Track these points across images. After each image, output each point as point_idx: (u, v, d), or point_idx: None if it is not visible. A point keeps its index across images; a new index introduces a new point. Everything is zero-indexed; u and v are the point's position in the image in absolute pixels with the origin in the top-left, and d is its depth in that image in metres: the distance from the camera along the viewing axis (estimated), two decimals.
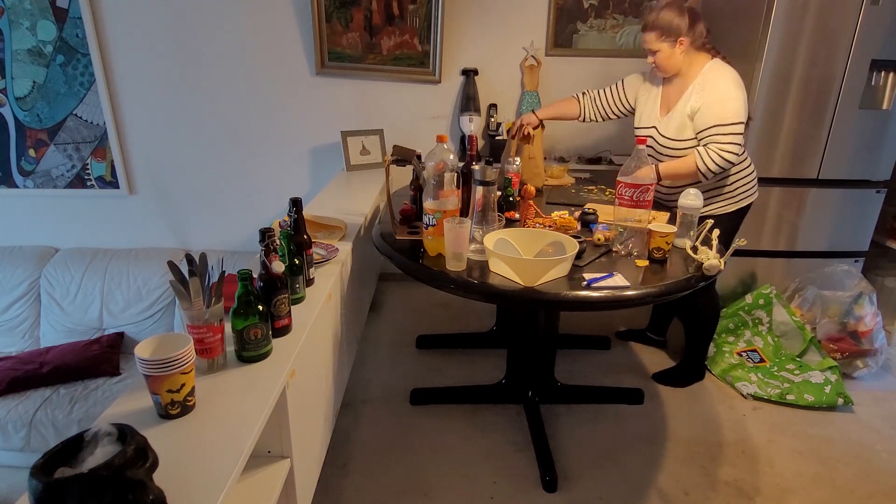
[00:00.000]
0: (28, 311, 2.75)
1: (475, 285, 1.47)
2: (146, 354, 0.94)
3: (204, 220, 3.11)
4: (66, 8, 2.65)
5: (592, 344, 2.62)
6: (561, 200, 2.13)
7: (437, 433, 2.03)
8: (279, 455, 1.23)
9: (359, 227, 2.02)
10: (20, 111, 2.83)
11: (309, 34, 2.76)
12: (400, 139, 2.93)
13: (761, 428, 2.08)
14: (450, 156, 1.55)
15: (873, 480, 1.85)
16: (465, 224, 1.46)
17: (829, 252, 2.58)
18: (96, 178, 2.97)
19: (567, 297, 1.40)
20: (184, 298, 1.07)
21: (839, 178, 2.47)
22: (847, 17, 2.23)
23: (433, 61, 2.85)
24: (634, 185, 1.60)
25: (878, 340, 2.35)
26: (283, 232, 1.33)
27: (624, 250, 1.64)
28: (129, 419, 0.97)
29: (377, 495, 1.76)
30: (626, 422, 2.11)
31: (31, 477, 0.68)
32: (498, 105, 2.94)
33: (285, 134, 2.97)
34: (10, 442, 2.18)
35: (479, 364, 2.46)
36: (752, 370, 2.33)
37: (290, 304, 1.26)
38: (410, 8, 2.75)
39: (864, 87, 2.33)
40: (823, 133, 2.40)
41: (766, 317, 2.46)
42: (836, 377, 2.21)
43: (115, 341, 2.60)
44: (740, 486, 1.81)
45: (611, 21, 2.82)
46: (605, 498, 1.76)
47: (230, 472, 0.87)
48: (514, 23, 2.84)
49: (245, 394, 1.06)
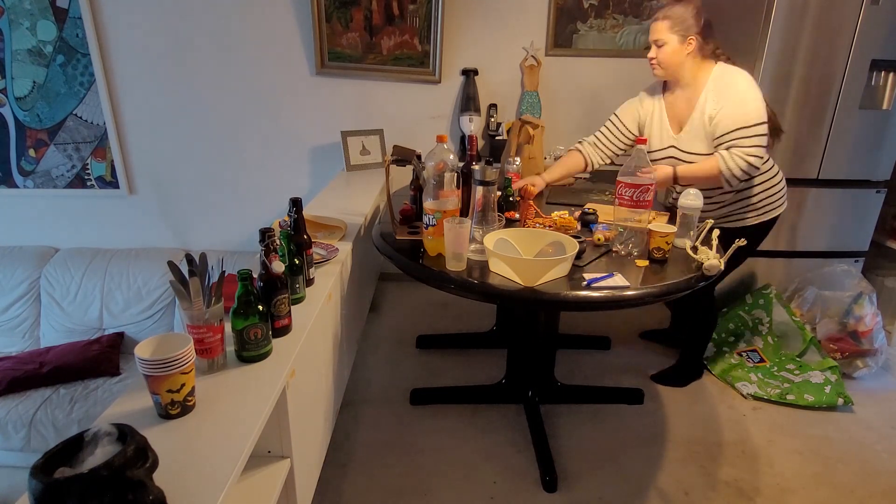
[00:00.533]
0: (28, 311, 2.75)
1: (475, 285, 1.47)
2: (146, 354, 0.94)
3: (204, 220, 3.11)
4: (66, 8, 2.65)
5: (592, 344, 2.62)
6: (561, 200, 2.13)
7: (437, 433, 2.03)
8: (279, 455, 1.22)
9: (359, 227, 2.02)
10: (20, 111, 2.83)
11: (309, 34, 2.76)
12: (400, 139, 2.93)
13: (761, 428, 2.08)
14: (450, 156, 1.55)
15: (873, 480, 1.85)
16: (465, 224, 1.46)
17: (829, 252, 2.58)
18: (96, 178, 2.97)
19: (567, 297, 1.40)
20: (184, 298, 1.07)
21: (839, 178, 2.47)
22: (847, 17, 2.23)
23: (433, 61, 2.85)
24: (635, 185, 1.60)
25: (878, 340, 2.35)
26: (283, 232, 1.33)
27: (624, 250, 1.64)
28: (129, 419, 0.96)
29: (377, 495, 1.76)
30: (626, 422, 2.11)
31: (31, 477, 0.68)
32: (498, 105, 2.94)
33: (285, 134, 2.97)
34: (10, 442, 2.18)
35: (479, 364, 2.46)
36: (752, 370, 2.33)
37: (290, 304, 1.26)
38: (410, 8, 2.75)
39: (864, 87, 2.33)
40: (823, 133, 2.40)
41: (766, 317, 2.45)
42: (836, 377, 2.21)
43: (115, 341, 2.60)
44: (740, 486, 1.81)
45: (611, 21, 2.82)
46: (605, 498, 1.76)
47: (230, 472, 0.87)
48: (514, 23, 2.84)
49: (245, 394, 1.06)
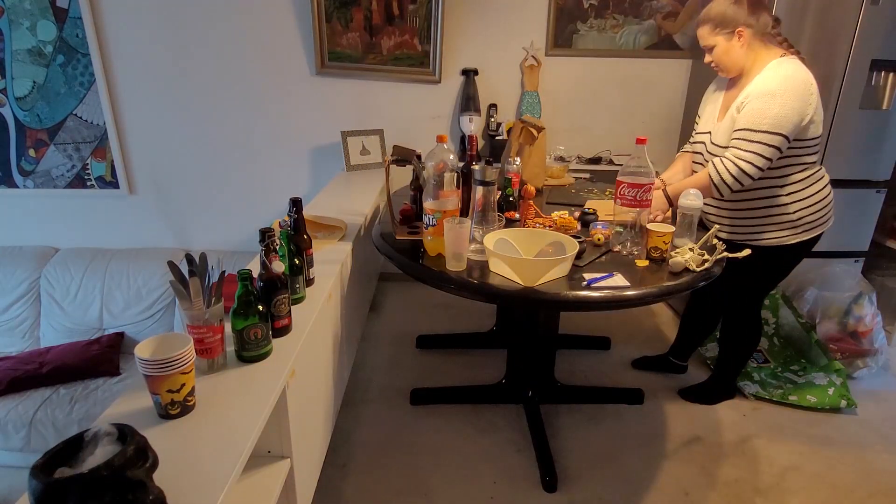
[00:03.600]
0: (28, 311, 2.75)
1: (475, 285, 1.47)
2: (146, 354, 0.94)
3: (204, 220, 3.11)
4: (66, 8, 2.65)
5: (592, 344, 2.62)
6: (561, 200, 2.13)
7: (437, 433, 2.03)
8: (279, 455, 1.22)
9: (359, 227, 2.02)
10: (20, 111, 2.83)
11: (309, 34, 2.76)
12: (400, 139, 2.93)
13: (761, 428, 2.08)
14: (450, 156, 1.56)
15: (873, 480, 1.85)
16: (465, 224, 1.46)
17: (829, 252, 2.58)
18: (96, 178, 2.97)
19: (567, 297, 1.40)
20: (184, 298, 1.07)
21: (839, 178, 2.47)
22: (847, 17, 2.23)
23: (433, 61, 2.85)
24: (636, 185, 1.60)
25: (878, 340, 2.35)
26: (283, 232, 1.33)
27: (624, 250, 1.64)
28: (129, 419, 0.96)
29: (377, 495, 1.76)
30: (626, 422, 2.11)
31: (31, 477, 0.68)
32: (498, 105, 2.94)
33: (285, 134, 2.97)
34: (10, 442, 2.18)
35: (479, 364, 2.46)
36: (756, 370, 2.33)
37: (290, 304, 1.26)
38: (410, 8, 2.75)
39: (864, 87, 2.33)
40: (823, 133, 2.40)
41: (773, 318, 2.45)
42: (841, 380, 2.20)
43: (115, 341, 2.60)
44: (740, 486, 1.81)
45: (611, 21, 2.82)
46: (605, 498, 1.76)
47: (230, 472, 0.87)
48: (514, 23, 2.84)
49: (245, 394, 1.06)
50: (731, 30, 1.63)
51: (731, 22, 1.62)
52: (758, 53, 1.66)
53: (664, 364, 2.42)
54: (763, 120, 1.59)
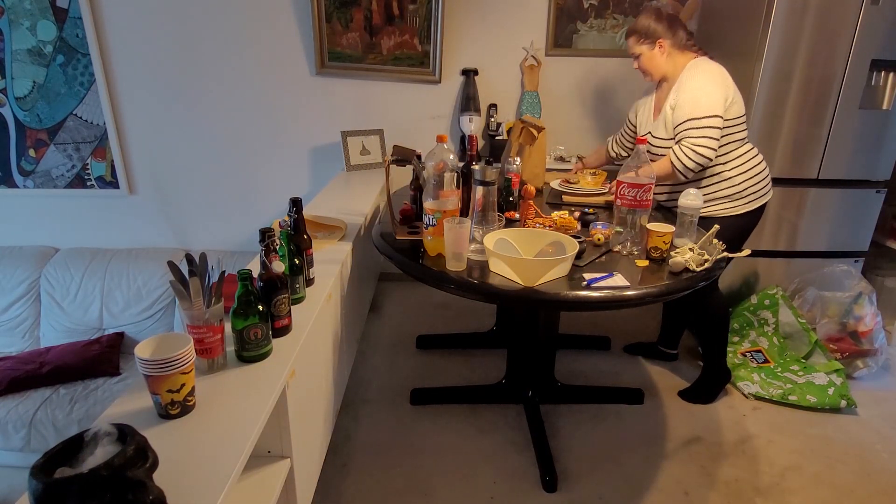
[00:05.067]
0: (28, 311, 2.75)
1: (475, 285, 1.47)
2: (146, 354, 0.94)
3: (204, 220, 3.11)
4: (66, 8, 2.65)
5: (592, 344, 2.62)
6: (560, 201, 2.12)
7: (437, 433, 2.03)
8: (279, 455, 1.22)
9: (359, 227, 2.02)
10: (20, 111, 2.83)
11: (309, 34, 2.76)
12: (400, 139, 2.93)
13: (761, 428, 2.08)
14: (450, 156, 1.56)
15: (873, 480, 1.85)
16: (465, 224, 1.46)
17: (829, 252, 2.58)
18: (96, 178, 2.97)
19: (567, 297, 1.40)
20: (184, 298, 1.07)
21: (839, 178, 2.47)
22: (847, 17, 2.23)
23: (433, 61, 2.85)
24: (637, 185, 1.60)
25: (878, 340, 2.35)
26: (283, 232, 1.33)
27: (624, 250, 1.64)
28: (129, 419, 0.97)
29: (377, 495, 1.76)
30: (626, 422, 2.11)
31: (31, 477, 0.68)
32: (498, 105, 2.94)
33: (285, 134, 2.97)
34: (10, 442, 2.18)
35: (479, 364, 2.46)
36: (755, 370, 2.33)
37: (290, 304, 1.26)
38: (410, 8, 2.75)
39: (864, 87, 2.33)
40: (823, 133, 2.40)
41: (772, 318, 2.45)
42: (841, 380, 2.20)
43: (115, 341, 2.60)
44: (740, 486, 1.81)
45: (611, 21, 2.82)
46: (605, 498, 1.76)
47: (230, 472, 0.87)
48: (514, 23, 2.84)
49: (245, 394, 1.06)
50: (653, 41, 1.92)
51: (653, 34, 1.91)
52: (676, 60, 1.95)
53: (654, 352, 2.53)
54: (698, 108, 1.84)
